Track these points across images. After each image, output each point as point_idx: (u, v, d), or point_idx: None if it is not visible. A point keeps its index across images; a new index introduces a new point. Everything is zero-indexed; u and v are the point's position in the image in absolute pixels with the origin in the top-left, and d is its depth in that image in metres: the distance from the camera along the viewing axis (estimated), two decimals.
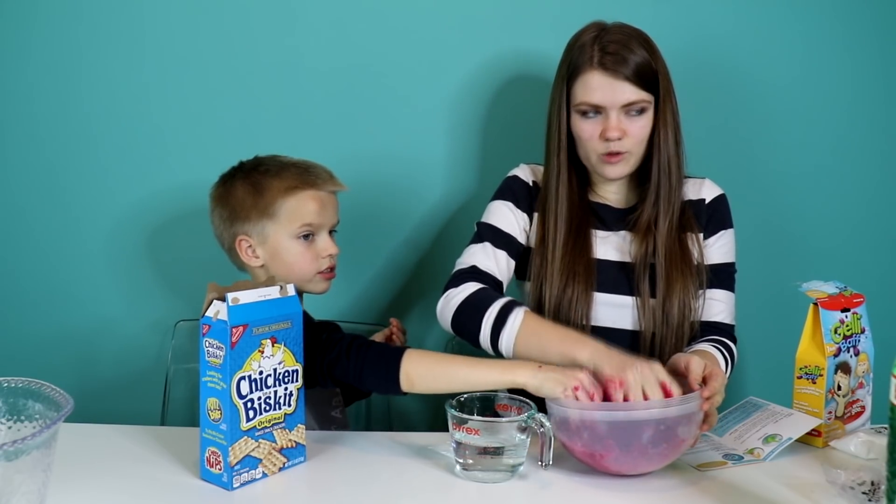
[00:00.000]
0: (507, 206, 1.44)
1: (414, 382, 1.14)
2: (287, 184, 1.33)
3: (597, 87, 1.32)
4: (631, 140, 1.34)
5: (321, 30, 1.72)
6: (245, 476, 1.06)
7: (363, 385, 1.17)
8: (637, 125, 1.34)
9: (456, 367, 1.16)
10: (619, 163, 1.36)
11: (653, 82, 1.34)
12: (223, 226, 1.37)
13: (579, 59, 1.34)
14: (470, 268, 1.37)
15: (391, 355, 1.15)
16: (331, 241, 1.37)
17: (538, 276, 1.40)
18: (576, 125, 1.37)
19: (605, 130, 1.33)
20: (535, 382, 1.10)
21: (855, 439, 1.20)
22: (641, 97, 1.33)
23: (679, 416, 1.07)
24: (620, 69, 1.31)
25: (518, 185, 1.47)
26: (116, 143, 1.74)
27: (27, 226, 1.76)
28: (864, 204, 1.82)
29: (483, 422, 1.07)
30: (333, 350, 1.17)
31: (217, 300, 1.04)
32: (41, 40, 1.71)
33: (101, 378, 1.79)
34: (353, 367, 1.16)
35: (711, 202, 1.45)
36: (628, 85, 1.31)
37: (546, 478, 1.10)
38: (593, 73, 1.32)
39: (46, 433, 0.88)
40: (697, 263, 1.40)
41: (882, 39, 1.77)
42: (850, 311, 1.27)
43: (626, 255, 1.41)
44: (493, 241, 1.40)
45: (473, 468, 1.08)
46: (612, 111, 1.33)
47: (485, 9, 1.73)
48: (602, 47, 1.32)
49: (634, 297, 1.39)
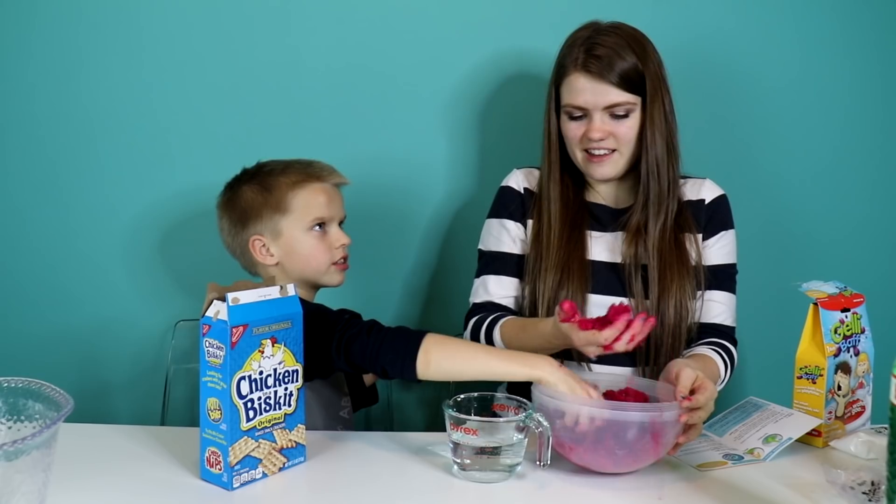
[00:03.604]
0: (502, 225, 1.46)
1: (430, 362, 1.13)
2: (293, 178, 1.35)
3: (580, 90, 1.33)
4: (616, 141, 1.35)
5: (321, 30, 1.73)
6: (245, 476, 1.06)
7: (378, 362, 1.16)
8: (623, 126, 1.35)
9: (475, 353, 1.18)
10: (605, 163, 1.37)
11: (639, 84, 1.34)
12: (234, 231, 1.38)
13: (566, 60, 1.35)
14: (484, 303, 1.44)
15: (412, 335, 1.16)
16: (342, 231, 1.39)
17: (532, 276, 1.41)
18: (563, 126, 1.38)
19: (588, 131, 1.34)
20: (553, 379, 1.11)
21: (855, 439, 1.20)
22: (626, 99, 1.33)
23: (656, 422, 1.06)
24: (603, 72, 1.31)
25: (508, 196, 1.48)
26: (116, 143, 1.74)
27: (27, 226, 1.77)
28: (864, 204, 1.82)
29: (481, 422, 1.07)
30: (355, 327, 1.18)
31: (217, 300, 1.04)
32: (41, 40, 1.72)
33: (101, 378, 1.80)
34: (371, 343, 1.16)
35: (711, 203, 1.44)
36: (611, 87, 1.32)
37: (544, 477, 1.10)
38: (577, 75, 1.33)
39: (46, 433, 0.88)
40: (695, 265, 1.39)
41: (882, 39, 1.77)
42: (850, 311, 1.27)
43: (618, 256, 1.41)
44: (498, 268, 1.44)
45: (471, 468, 1.08)
46: (595, 113, 1.34)
47: (484, 8, 1.73)
48: (588, 49, 1.32)
49: (628, 298, 1.38)
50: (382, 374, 1.17)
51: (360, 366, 1.18)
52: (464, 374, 1.15)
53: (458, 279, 1.50)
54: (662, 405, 1.09)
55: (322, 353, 1.17)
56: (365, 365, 1.18)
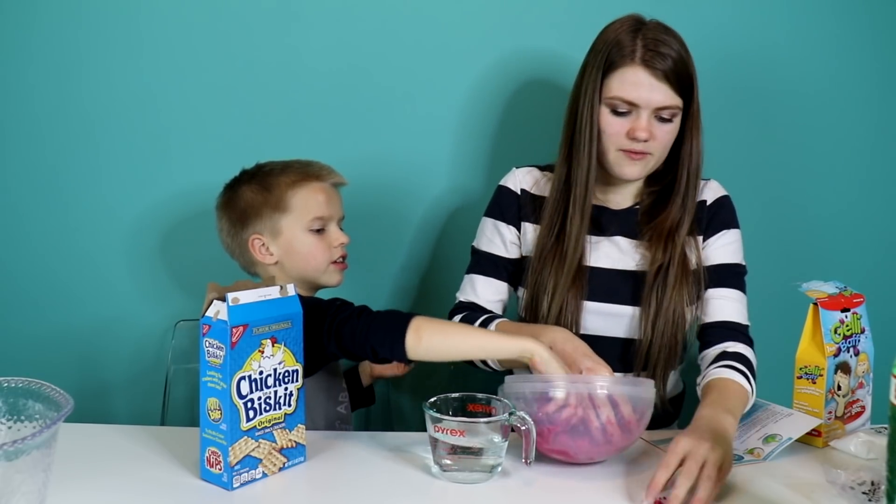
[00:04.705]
0: (496, 226, 1.45)
1: (422, 339, 1.14)
2: (293, 178, 1.36)
3: (636, 84, 1.28)
4: (655, 144, 1.31)
5: (320, 31, 1.72)
6: (245, 476, 1.06)
7: (368, 342, 1.16)
8: (664, 130, 1.31)
9: (466, 331, 1.22)
10: (639, 163, 1.32)
11: (687, 87, 1.30)
12: (233, 231, 1.38)
13: (623, 50, 1.29)
14: (469, 302, 1.44)
15: (401, 316, 1.18)
16: (341, 230, 1.40)
17: (535, 280, 1.39)
18: (603, 118, 1.32)
19: (634, 129, 1.29)
20: (545, 354, 1.12)
21: (855, 439, 1.20)
22: (675, 102, 1.29)
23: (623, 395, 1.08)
24: (662, 68, 1.27)
25: (505, 197, 1.46)
26: (116, 143, 1.74)
27: (27, 226, 1.76)
28: (864, 204, 1.82)
29: (462, 422, 1.06)
30: (346, 311, 1.20)
31: (217, 300, 1.04)
32: (41, 41, 1.71)
33: (101, 378, 1.80)
34: (361, 325, 1.17)
35: (712, 204, 1.42)
36: (666, 87, 1.28)
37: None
38: (635, 68, 1.28)
39: (46, 433, 0.88)
40: (694, 269, 1.37)
41: (882, 38, 1.77)
42: (850, 311, 1.27)
43: (618, 262, 1.39)
44: (488, 270, 1.44)
45: (451, 469, 1.08)
46: (644, 111, 1.29)
47: (489, 10, 1.73)
48: (645, 44, 1.28)
49: (630, 306, 1.37)
50: (373, 355, 1.17)
51: (351, 349, 1.19)
52: (458, 350, 1.17)
53: (454, 279, 1.50)
54: (632, 379, 1.10)
55: (315, 340, 1.18)
56: (355, 348, 1.18)
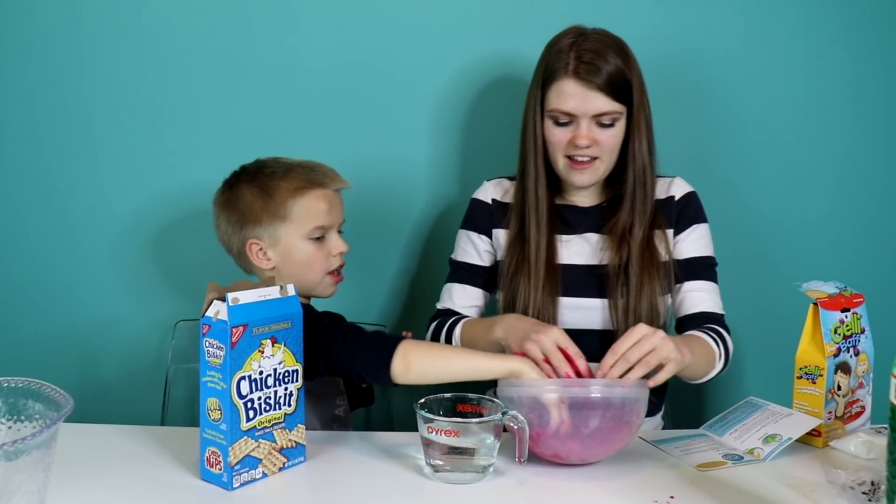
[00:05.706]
0: (468, 237, 1.51)
1: (411, 365, 1.14)
2: (295, 184, 1.33)
3: (570, 95, 1.33)
4: (600, 149, 1.36)
5: (315, 31, 1.72)
6: (245, 476, 1.06)
7: (354, 367, 1.17)
8: (607, 135, 1.36)
9: (453, 353, 1.22)
10: (587, 171, 1.38)
11: (626, 93, 1.35)
12: (231, 231, 1.36)
13: (555, 64, 1.35)
14: (445, 309, 1.50)
15: (388, 340, 1.17)
16: (340, 239, 1.38)
17: (510, 280, 1.43)
18: (547, 130, 1.38)
19: (575, 138, 1.35)
20: (533, 374, 1.13)
21: (855, 439, 1.20)
22: (614, 108, 1.34)
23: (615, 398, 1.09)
24: (595, 79, 1.31)
25: (477, 209, 1.52)
26: (116, 143, 1.74)
27: (27, 226, 1.76)
28: (864, 204, 1.82)
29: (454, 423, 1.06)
30: (333, 332, 1.19)
31: (217, 300, 1.04)
32: (41, 40, 1.71)
33: (101, 378, 1.80)
34: (347, 348, 1.16)
35: (681, 199, 1.46)
36: (601, 95, 1.32)
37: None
38: (568, 80, 1.33)
39: (46, 433, 0.88)
40: (665, 262, 1.41)
41: (881, 38, 1.77)
42: (850, 311, 1.27)
43: (591, 258, 1.43)
44: (463, 278, 1.51)
45: (443, 469, 1.08)
46: (583, 119, 1.34)
47: (469, 12, 1.72)
48: (578, 55, 1.32)
49: (604, 299, 1.40)
50: (359, 380, 1.17)
51: (338, 371, 1.19)
52: (446, 373, 1.16)
53: (442, 282, 1.52)
54: (623, 382, 1.11)
55: (306, 354, 1.17)
56: (342, 370, 1.19)
